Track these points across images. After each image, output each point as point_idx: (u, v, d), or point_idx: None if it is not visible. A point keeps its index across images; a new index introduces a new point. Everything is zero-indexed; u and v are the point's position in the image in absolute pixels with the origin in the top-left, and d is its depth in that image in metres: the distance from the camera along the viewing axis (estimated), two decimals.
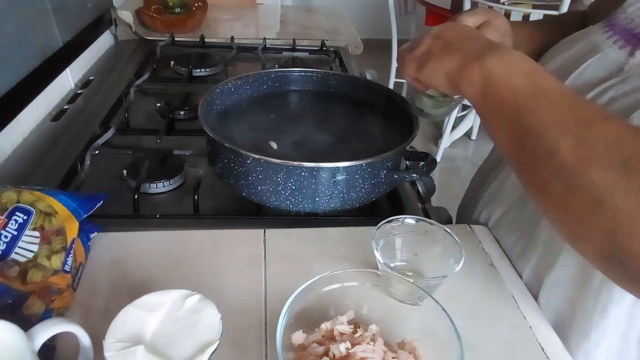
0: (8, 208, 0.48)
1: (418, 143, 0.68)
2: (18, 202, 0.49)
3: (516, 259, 0.59)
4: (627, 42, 0.50)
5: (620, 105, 0.47)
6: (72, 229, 0.50)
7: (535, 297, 0.55)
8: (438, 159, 2.58)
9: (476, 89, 0.45)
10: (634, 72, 0.48)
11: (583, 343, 0.50)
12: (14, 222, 0.47)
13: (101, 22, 1.16)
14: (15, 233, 0.47)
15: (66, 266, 0.48)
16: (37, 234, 0.48)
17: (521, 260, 0.58)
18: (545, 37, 0.65)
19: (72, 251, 0.49)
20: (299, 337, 0.43)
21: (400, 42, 2.62)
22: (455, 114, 2.47)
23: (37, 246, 0.47)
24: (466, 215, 0.73)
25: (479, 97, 0.45)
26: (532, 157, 0.40)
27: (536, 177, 0.40)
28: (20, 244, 0.47)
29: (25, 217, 0.48)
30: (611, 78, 0.50)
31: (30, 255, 0.47)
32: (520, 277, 0.58)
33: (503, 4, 2.08)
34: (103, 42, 1.19)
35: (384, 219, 0.55)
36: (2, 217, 0.47)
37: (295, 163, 0.58)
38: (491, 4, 2.05)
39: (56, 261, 0.47)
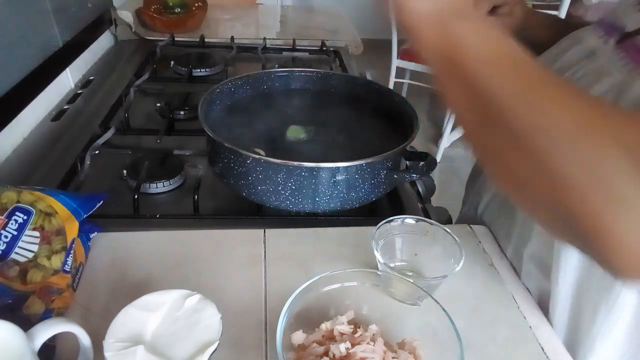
0: (8, 208, 0.48)
1: (418, 143, 0.68)
2: (18, 202, 0.49)
3: (502, 240, 0.62)
4: (608, 35, 0.52)
5: (584, 79, 0.51)
6: (72, 229, 0.50)
7: (519, 275, 0.58)
8: (438, 159, 2.58)
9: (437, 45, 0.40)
10: (604, 54, 0.51)
11: (563, 315, 0.52)
12: (14, 222, 0.47)
13: (101, 22, 1.16)
14: (15, 233, 0.47)
15: (66, 266, 0.48)
16: (37, 234, 0.48)
17: (505, 240, 0.61)
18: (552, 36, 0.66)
19: (72, 251, 0.49)
20: (299, 337, 0.43)
21: (400, 42, 2.62)
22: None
23: (37, 246, 0.47)
24: (463, 209, 0.74)
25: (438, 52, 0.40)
26: (482, 117, 0.37)
27: (482, 137, 0.39)
28: (20, 244, 0.47)
29: (25, 217, 0.48)
30: (583, 60, 0.53)
31: (30, 255, 0.47)
32: (506, 257, 0.60)
33: None
34: (103, 42, 1.19)
35: (384, 219, 0.55)
36: (2, 217, 0.47)
37: (295, 163, 0.58)
38: None
39: (56, 261, 0.47)
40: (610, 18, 0.54)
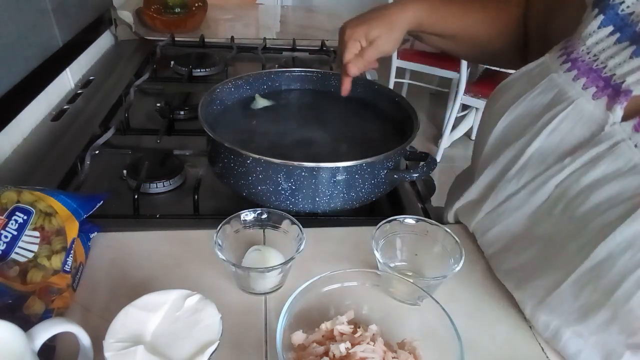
0: (8, 208, 0.48)
1: (418, 143, 0.68)
2: (18, 202, 0.49)
3: (468, 221, 0.62)
4: (600, 91, 0.45)
5: (615, 190, 0.42)
6: (72, 228, 0.50)
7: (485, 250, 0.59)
8: (438, 159, 2.58)
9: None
10: (620, 137, 0.42)
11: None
12: (14, 222, 0.47)
13: (101, 22, 1.16)
14: (15, 233, 0.47)
15: (66, 266, 0.48)
16: (37, 234, 0.48)
17: (471, 219, 0.60)
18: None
19: (72, 251, 0.49)
20: (299, 337, 0.43)
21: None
22: (455, 114, 2.47)
23: (37, 246, 0.47)
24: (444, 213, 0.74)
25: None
26: None
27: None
28: (20, 244, 0.47)
29: (25, 217, 0.48)
30: (593, 140, 0.44)
31: (31, 255, 0.47)
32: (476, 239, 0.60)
33: None
34: (103, 42, 1.19)
35: (384, 219, 0.55)
36: (2, 217, 0.47)
37: (295, 163, 0.58)
38: None
39: (56, 261, 0.47)
40: (587, 59, 0.47)
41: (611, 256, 0.40)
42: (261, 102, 0.79)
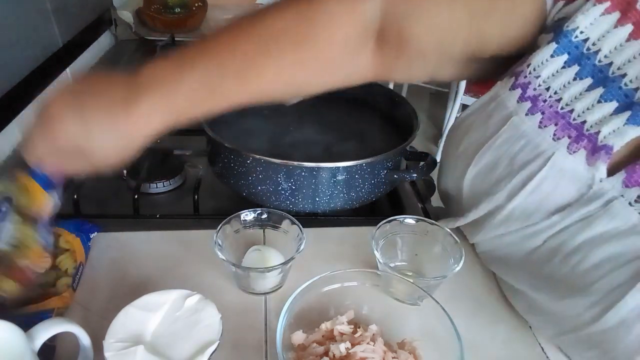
0: None
1: (418, 143, 0.68)
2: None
3: (468, 236, 0.58)
4: (575, 142, 0.41)
5: (617, 250, 0.39)
6: (41, 200, 0.47)
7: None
8: (438, 159, 2.57)
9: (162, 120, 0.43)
10: (611, 194, 0.40)
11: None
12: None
13: (101, 22, 1.16)
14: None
15: (43, 240, 0.46)
16: (18, 217, 0.45)
17: (471, 236, 0.57)
18: None
19: (47, 226, 0.47)
20: (299, 337, 0.43)
21: None
22: (455, 114, 2.47)
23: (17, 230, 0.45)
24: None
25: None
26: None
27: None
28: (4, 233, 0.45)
29: (8, 205, 0.45)
30: (582, 199, 0.41)
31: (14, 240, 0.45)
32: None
33: None
34: (103, 42, 1.19)
35: (384, 219, 0.55)
36: None
37: (296, 163, 0.58)
38: None
39: (27, 231, 0.45)
40: (547, 98, 0.43)
41: (624, 323, 0.38)
42: (292, 98, 0.79)
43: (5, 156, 0.75)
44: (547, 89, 0.43)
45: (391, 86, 2.65)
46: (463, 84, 2.34)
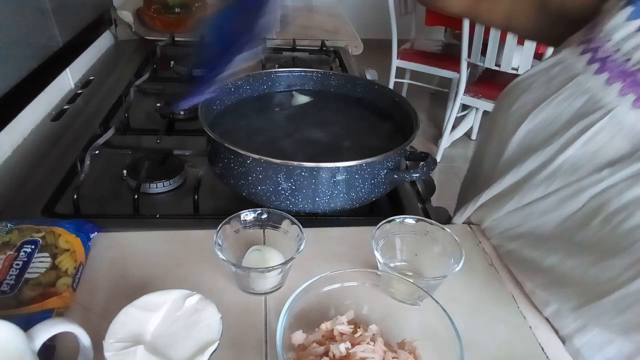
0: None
1: (418, 143, 0.68)
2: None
3: (481, 218, 0.62)
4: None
5: None
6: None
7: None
8: (438, 159, 2.58)
9: None
10: None
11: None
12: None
13: (101, 22, 1.16)
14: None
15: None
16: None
17: (487, 216, 0.60)
18: None
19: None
20: (299, 337, 0.43)
21: (400, 42, 2.62)
22: (455, 114, 2.47)
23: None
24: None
25: None
26: None
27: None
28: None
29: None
30: (635, 154, 0.42)
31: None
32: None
33: None
34: (103, 42, 1.19)
35: (384, 219, 0.55)
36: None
37: (295, 163, 0.58)
38: None
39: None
40: (617, 58, 0.43)
41: None
42: (300, 99, 0.80)
43: (5, 156, 0.75)
44: (617, 50, 0.44)
45: (391, 86, 2.66)
46: (463, 84, 2.34)
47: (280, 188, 0.60)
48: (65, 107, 0.91)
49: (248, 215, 0.56)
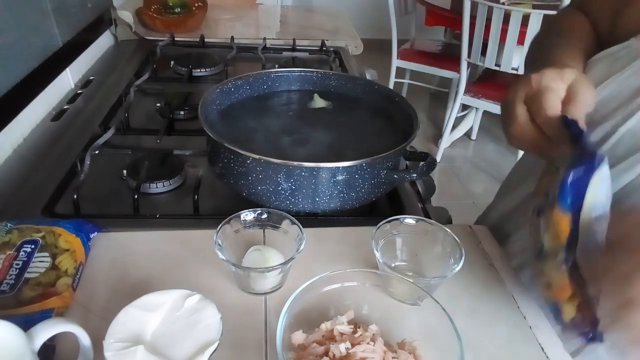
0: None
1: (418, 143, 0.68)
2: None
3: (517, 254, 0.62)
4: None
5: None
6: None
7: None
8: (438, 159, 2.58)
9: None
10: None
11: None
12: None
13: (101, 22, 1.16)
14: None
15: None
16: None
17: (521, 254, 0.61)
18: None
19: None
20: (299, 337, 0.43)
21: (400, 42, 2.62)
22: (455, 114, 2.47)
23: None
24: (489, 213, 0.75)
25: None
26: None
27: None
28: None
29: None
30: None
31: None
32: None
33: (503, 4, 2.08)
34: (103, 42, 1.19)
35: (384, 219, 0.55)
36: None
37: (295, 163, 0.58)
38: (491, 4, 2.05)
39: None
40: None
41: None
42: (319, 102, 0.80)
43: (5, 156, 0.76)
44: None
45: (391, 86, 2.66)
46: (463, 84, 2.34)
47: (280, 188, 0.60)
48: (65, 107, 0.91)
49: (248, 215, 0.56)
